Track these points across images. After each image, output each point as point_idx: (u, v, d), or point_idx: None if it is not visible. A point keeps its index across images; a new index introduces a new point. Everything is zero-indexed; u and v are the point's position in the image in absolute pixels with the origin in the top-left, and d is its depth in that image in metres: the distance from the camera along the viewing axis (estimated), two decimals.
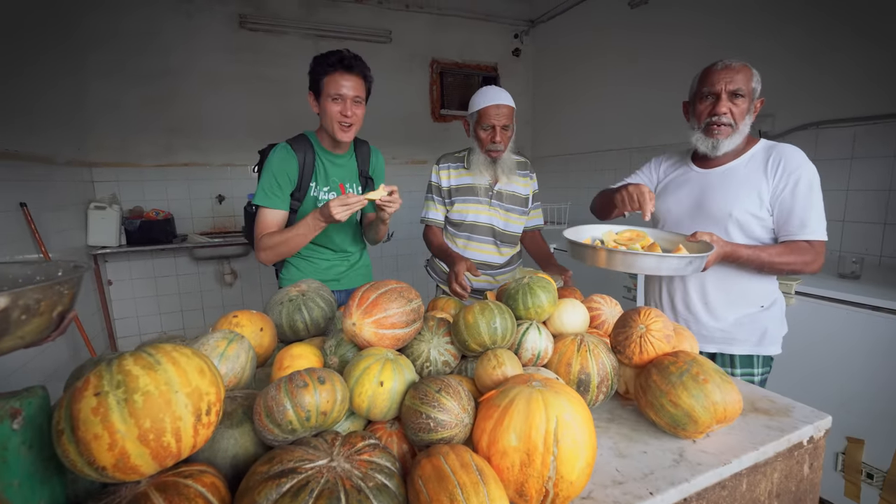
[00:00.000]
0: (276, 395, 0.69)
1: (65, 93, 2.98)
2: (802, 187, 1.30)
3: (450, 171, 1.86)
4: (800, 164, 1.31)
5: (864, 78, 2.22)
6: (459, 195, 1.84)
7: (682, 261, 1.08)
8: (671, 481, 0.78)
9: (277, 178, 1.54)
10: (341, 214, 1.37)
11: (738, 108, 1.34)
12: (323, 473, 0.61)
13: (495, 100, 1.70)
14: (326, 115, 1.51)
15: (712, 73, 1.36)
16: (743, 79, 1.32)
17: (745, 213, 1.36)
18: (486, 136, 1.73)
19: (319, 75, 1.49)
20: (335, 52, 1.49)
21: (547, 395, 0.70)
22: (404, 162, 4.32)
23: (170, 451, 0.57)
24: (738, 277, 1.40)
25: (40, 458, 0.58)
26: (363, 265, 1.89)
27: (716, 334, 1.46)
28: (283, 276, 1.77)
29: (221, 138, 3.67)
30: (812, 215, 1.30)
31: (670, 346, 0.99)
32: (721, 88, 1.33)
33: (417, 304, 0.96)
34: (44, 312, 0.60)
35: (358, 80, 1.51)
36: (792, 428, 0.93)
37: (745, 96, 1.33)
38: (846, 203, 2.30)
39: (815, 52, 2.40)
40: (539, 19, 4.51)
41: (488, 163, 1.80)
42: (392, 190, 1.44)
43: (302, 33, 3.81)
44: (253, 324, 1.04)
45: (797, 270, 1.31)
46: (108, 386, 0.54)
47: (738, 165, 1.41)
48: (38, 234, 2.43)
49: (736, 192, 1.38)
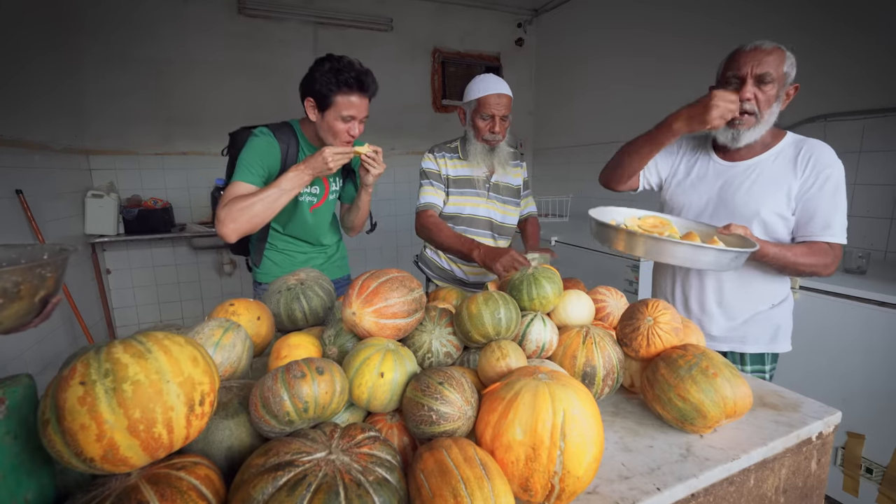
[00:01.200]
0: (272, 385, 0.67)
1: (62, 80, 2.93)
2: (830, 187, 1.23)
3: (447, 160, 1.79)
4: (830, 163, 1.24)
5: (874, 70, 2.18)
6: (457, 187, 1.78)
7: (726, 255, 0.98)
8: (678, 476, 0.76)
9: (261, 162, 1.45)
10: (333, 161, 1.35)
11: (764, 95, 1.23)
12: (321, 467, 0.58)
13: (496, 89, 1.65)
14: (331, 132, 1.45)
15: (740, 56, 1.24)
16: (774, 61, 1.20)
17: (773, 213, 1.28)
18: (486, 125, 1.68)
19: (330, 89, 1.38)
20: (348, 64, 1.39)
21: (554, 388, 0.68)
22: (404, 152, 4.27)
23: (161, 443, 0.55)
24: (757, 275, 1.34)
25: (27, 450, 0.56)
26: (340, 257, 1.85)
27: (728, 334, 1.41)
28: (260, 270, 1.69)
29: (220, 126, 3.60)
30: (837, 217, 1.23)
31: (678, 339, 0.97)
32: (747, 72, 1.22)
33: (419, 293, 0.93)
34: (24, 297, 0.57)
35: (367, 100, 1.46)
36: (801, 423, 0.91)
37: (775, 82, 1.22)
38: (853, 197, 2.27)
39: (824, 43, 2.35)
40: (543, 8, 4.44)
41: (485, 152, 1.74)
42: (376, 149, 1.42)
43: (302, 20, 3.74)
44: (250, 312, 1.01)
45: (816, 273, 1.25)
46: (95, 375, 0.52)
47: (766, 160, 1.31)
48: (34, 221, 2.40)
49: (764, 191, 1.29)
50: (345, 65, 1.38)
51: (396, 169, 4.19)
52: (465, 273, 1.87)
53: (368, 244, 4.22)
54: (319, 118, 1.46)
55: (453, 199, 1.79)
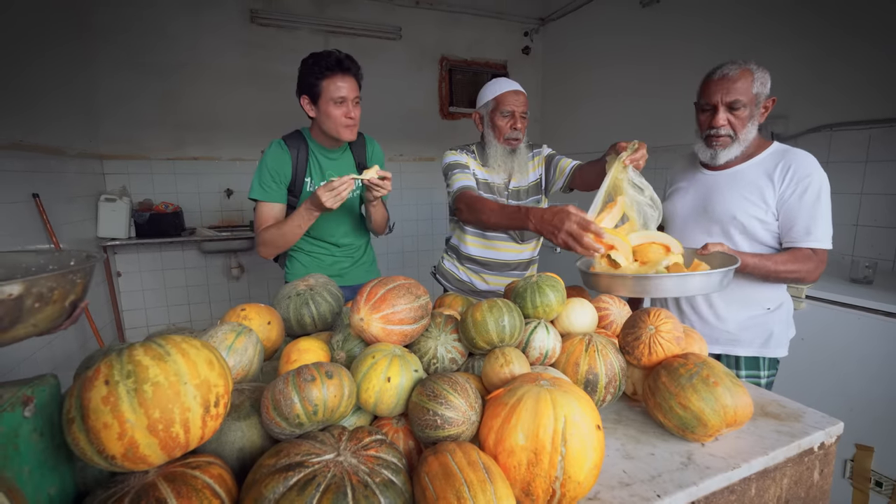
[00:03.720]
0: (283, 388, 0.69)
1: (77, 86, 3.00)
2: (810, 195, 1.28)
3: (469, 160, 1.70)
4: (810, 172, 1.29)
5: (880, 80, 2.19)
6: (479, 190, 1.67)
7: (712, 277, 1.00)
8: (679, 484, 0.77)
9: (271, 173, 1.55)
10: (330, 201, 1.36)
11: (737, 119, 1.32)
12: (330, 468, 0.61)
13: (513, 86, 1.64)
14: (330, 118, 1.50)
15: (709, 85, 1.33)
16: (742, 87, 1.28)
17: (749, 216, 1.35)
18: (506, 123, 1.63)
19: (316, 78, 1.47)
20: (327, 53, 1.47)
21: (555, 395, 0.69)
22: (412, 159, 4.31)
23: (178, 442, 0.57)
24: (743, 282, 1.38)
25: (51, 446, 0.59)
26: (367, 260, 1.86)
27: (721, 335, 1.45)
28: (289, 271, 1.77)
29: (231, 132, 3.69)
30: (818, 224, 1.28)
31: (680, 347, 0.98)
32: (718, 100, 1.31)
33: (425, 300, 0.95)
34: (56, 301, 0.60)
35: (354, 80, 1.51)
36: (802, 433, 0.92)
37: (746, 105, 1.30)
38: (860, 207, 2.27)
39: (830, 53, 2.37)
40: (549, 17, 4.48)
41: (506, 154, 1.67)
42: (385, 175, 1.43)
43: (313, 29, 3.81)
44: (261, 317, 1.04)
45: (800, 279, 1.30)
46: (118, 375, 0.55)
47: (746, 169, 1.39)
48: (49, 224, 2.45)
49: (741, 196, 1.36)
50: (324, 54, 1.47)
51: (404, 175, 4.23)
52: (487, 284, 1.81)
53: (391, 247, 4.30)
54: (317, 111, 1.52)
55: None
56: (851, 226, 2.29)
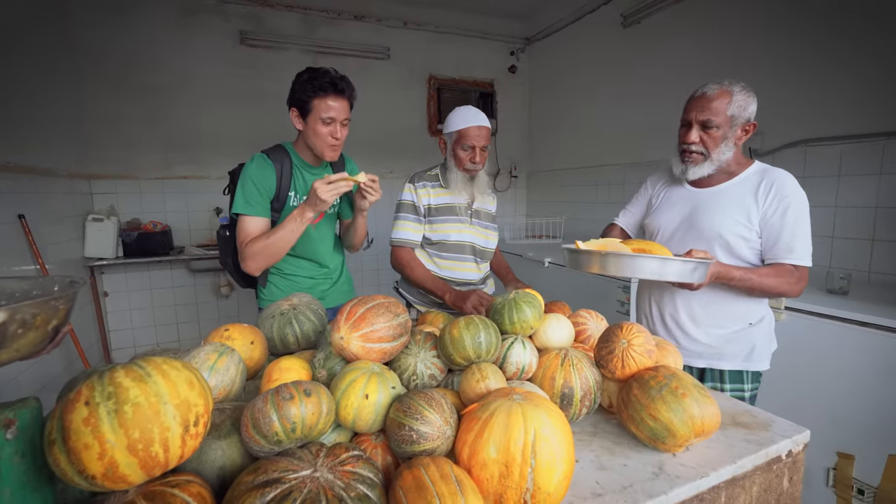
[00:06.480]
0: (262, 406, 0.71)
1: (65, 106, 3.02)
2: (791, 214, 1.32)
3: (428, 190, 1.83)
4: (791, 192, 1.34)
5: (852, 97, 2.28)
6: (440, 214, 1.82)
7: (686, 265, 1.12)
8: (649, 493, 0.79)
9: (257, 186, 1.53)
10: (326, 194, 1.37)
11: (710, 138, 1.36)
12: (306, 483, 0.62)
13: (477, 121, 1.72)
14: (316, 136, 1.53)
15: (690, 101, 1.39)
16: (718, 107, 1.33)
17: (734, 234, 1.38)
18: (466, 156, 1.75)
19: (308, 95, 1.48)
20: (324, 72, 1.49)
21: (526, 409, 0.72)
22: (401, 176, 4.37)
23: (158, 461, 0.59)
24: (725, 297, 1.43)
25: (32, 468, 0.60)
26: (345, 281, 1.88)
27: (704, 350, 1.48)
28: (264, 295, 1.74)
29: (219, 152, 3.71)
30: (799, 242, 1.32)
31: (652, 360, 1.01)
32: (693, 118, 1.37)
33: (404, 318, 0.98)
34: (39, 326, 0.62)
35: (346, 102, 1.53)
36: (770, 442, 0.95)
37: (720, 126, 1.34)
38: (834, 219, 2.34)
39: (804, 70, 2.46)
40: (535, 37, 4.61)
41: (466, 181, 1.80)
42: (373, 178, 1.48)
43: (302, 49, 3.88)
44: (244, 337, 1.06)
45: (782, 293, 1.34)
46: (99, 397, 0.57)
47: (730, 187, 1.42)
48: (35, 245, 2.45)
49: (725, 214, 1.40)
50: (320, 73, 1.49)
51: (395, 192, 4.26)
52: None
53: (365, 265, 4.28)
54: (304, 125, 1.54)
55: (438, 226, 1.82)
56: (827, 238, 2.36)
